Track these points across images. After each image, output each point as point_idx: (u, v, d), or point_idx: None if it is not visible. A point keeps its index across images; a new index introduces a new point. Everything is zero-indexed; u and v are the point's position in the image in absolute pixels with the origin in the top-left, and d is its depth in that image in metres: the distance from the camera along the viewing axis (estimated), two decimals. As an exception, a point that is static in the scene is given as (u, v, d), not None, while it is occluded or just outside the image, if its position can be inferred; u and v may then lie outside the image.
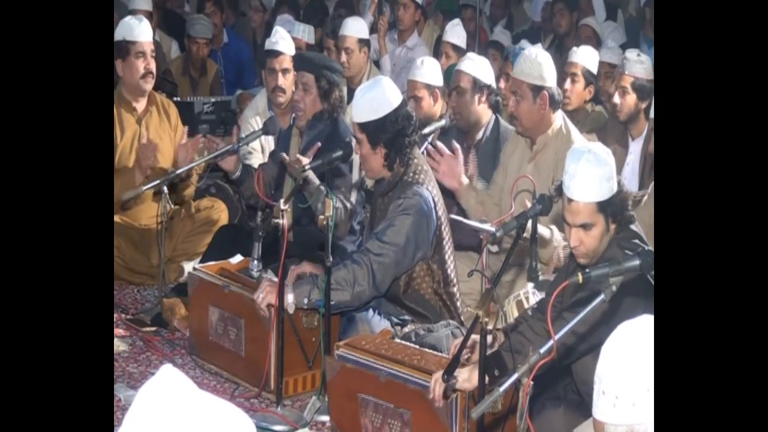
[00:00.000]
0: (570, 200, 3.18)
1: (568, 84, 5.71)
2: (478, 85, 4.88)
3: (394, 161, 3.97)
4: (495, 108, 4.95)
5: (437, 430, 3.25)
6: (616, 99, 5.06)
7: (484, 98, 4.90)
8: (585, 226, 3.18)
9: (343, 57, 6.39)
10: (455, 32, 6.72)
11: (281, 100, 5.33)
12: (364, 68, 6.49)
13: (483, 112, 4.93)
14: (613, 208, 3.18)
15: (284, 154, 4.61)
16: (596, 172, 3.13)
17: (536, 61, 4.43)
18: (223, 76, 7.73)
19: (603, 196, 3.15)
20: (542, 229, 3.87)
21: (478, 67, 4.94)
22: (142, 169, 4.98)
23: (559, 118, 4.48)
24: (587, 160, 3.12)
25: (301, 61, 4.87)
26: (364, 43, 6.50)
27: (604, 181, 3.14)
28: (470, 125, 4.95)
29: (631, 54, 5.09)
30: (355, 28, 6.53)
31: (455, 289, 4.12)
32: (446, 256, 4.06)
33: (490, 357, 3.11)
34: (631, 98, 5.01)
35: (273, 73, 5.34)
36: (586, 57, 5.74)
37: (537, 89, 4.40)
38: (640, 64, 5.00)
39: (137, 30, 5.10)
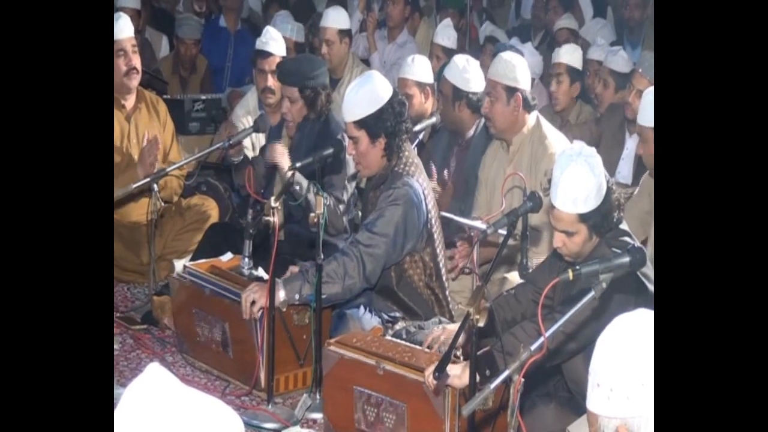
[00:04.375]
0: (553, 206, 3.17)
1: (554, 86, 5.76)
2: (458, 94, 4.89)
3: (393, 151, 3.99)
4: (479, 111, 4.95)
5: (432, 424, 3.25)
6: (631, 99, 5.11)
7: (464, 105, 4.91)
8: (567, 233, 3.18)
9: (324, 49, 6.37)
10: (445, 33, 6.71)
11: (271, 101, 5.32)
12: (346, 59, 6.47)
13: (466, 117, 4.95)
14: (596, 220, 3.13)
15: (276, 147, 4.60)
16: (581, 184, 3.08)
17: (511, 63, 4.49)
18: (230, 60, 7.70)
19: (586, 208, 3.11)
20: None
21: (458, 74, 4.92)
22: (144, 167, 4.93)
23: (533, 118, 4.50)
24: (572, 171, 3.07)
25: (283, 75, 4.80)
26: (345, 33, 6.46)
27: (588, 193, 3.09)
28: (455, 127, 4.99)
29: (649, 55, 5.12)
30: (335, 19, 6.47)
31: (446, 282, 4.12)
32: (438, 249, 4.07)
33: (482, 356, 3.11)
34: None
35: (263, 74, 5.33)
36: (568, 55, 5.80)
37: (511, 91, 4.44)
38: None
39: (115, 29, 5.06)
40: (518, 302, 3.55)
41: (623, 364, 1.94)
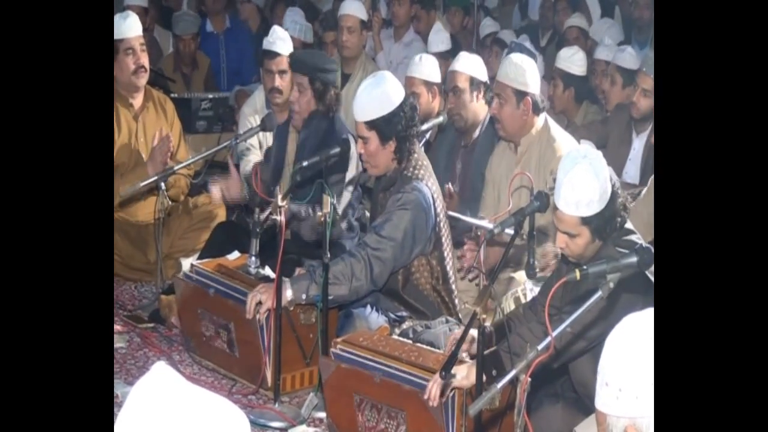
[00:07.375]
0: (556, 207, 3.16)
1: (550, 88, 5.78)
2: (474, 83, 4.90)
3: (404, 153, 3.99)
4: (490, 103, 4.96)
5: (432, 430, 3.24)
6: (636, 99, 5.12)
7: (481, 95, 4.93)
8: (569, 234, 3.17)
9: (345, 36, 6.35)
10: (438, 39, 6.65)
11: (278, 101, 5.32)
12: (360, 53, 6.46)
13: (480, 109, 4.95)
14: (599, 223, 3.12)
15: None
16: (584, 187, 3.06)
17: (521, 67, 4.44)
18: (224, 61, 7.69)
19: (589, 212, 3.09)
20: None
21: (472, 65, 4.95)
22: (155, 164, 4.93)
23: (541, 120, 4.49)
24: (576, 174, 3.05)
25: (295, 63, 4.84)
26: (363, 25, 6.46)
27: (592, 197, 3.07)
28: (468, 125, 4.96)
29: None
30: (357, 8, 6.46)
31: (453, 286, 4.12)
32: (445, 253, 4.07)
33: (489, 357, 3.11)
34: (651, 101, 5.05)
35: (270, 74, 5.32)
36: (564, 59, 5.90)
37: (521, 94, 4.41)
38: None
39: (123, 27, 5.07)
40: (531, 314, 3.52)
41: (632, 364, 1.93)
